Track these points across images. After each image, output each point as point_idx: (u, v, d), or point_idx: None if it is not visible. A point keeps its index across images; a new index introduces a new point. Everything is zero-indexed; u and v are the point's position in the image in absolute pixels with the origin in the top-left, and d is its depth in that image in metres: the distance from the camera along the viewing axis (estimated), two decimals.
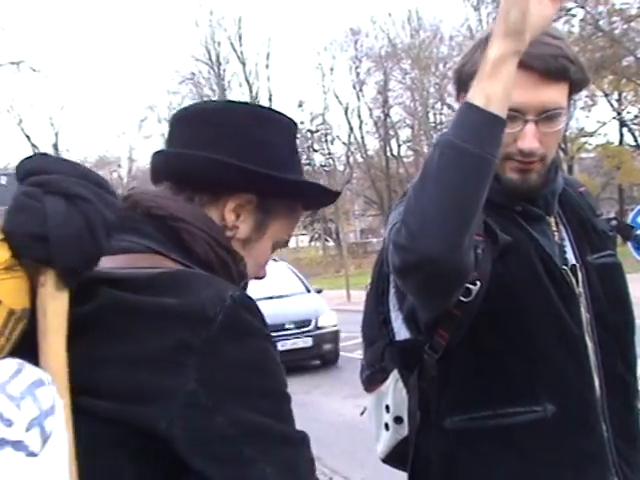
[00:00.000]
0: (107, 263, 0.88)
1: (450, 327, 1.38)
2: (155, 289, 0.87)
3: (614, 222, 1.61)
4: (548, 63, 1.37)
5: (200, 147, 1.07)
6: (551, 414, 1.38)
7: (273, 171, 1.07)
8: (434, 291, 1.29)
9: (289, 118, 1.17)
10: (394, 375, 1.51)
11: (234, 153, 1.06)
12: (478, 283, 1.36)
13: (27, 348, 0.78)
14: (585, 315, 1.46)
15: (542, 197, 1.50)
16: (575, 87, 1.45)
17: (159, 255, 0.96)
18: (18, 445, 0.70)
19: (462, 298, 1.35)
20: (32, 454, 0.71)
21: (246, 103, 1.34)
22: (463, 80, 1.43)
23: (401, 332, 1.49)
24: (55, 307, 0.80)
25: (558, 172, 1.55)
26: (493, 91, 1.16)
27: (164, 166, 1.11)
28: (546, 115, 1.39)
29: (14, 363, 0.75)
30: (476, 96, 1.17)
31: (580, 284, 1.48)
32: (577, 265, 1.49)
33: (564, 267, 1.47)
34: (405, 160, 44.78)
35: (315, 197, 1.20)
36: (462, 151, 1.15)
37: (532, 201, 1.49)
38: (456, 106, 1.43)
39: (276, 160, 1.10)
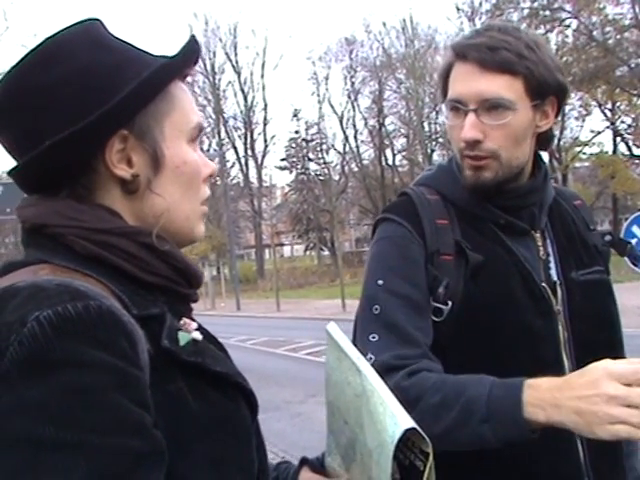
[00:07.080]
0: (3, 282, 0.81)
1: None
2: None
3: (608, 237, 1.57)
4: (483, 53, 1.37)
5: (19, 148, 0.90)
6: None
7: (109, 94, 0.87)
8: None
9: (83, 21, 0.93)
10: None
11: (61, 118, 0.86)
12: (449, 303, 1.37)
13: None
14: (563, 334, 1.43)
15: (527, 210, 1.48)
16: (530, 82, 1.39)
17: (46, 264, 0.84)
18: None
19: (434, 318, 1.37)
20: None
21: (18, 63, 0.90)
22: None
23: None
24: None
25: (547, 182, 1.52)
26: (554, 422, 1.17)
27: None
28: (487, 105, 1.38)
29: None
30: (540, 416, 1.18)
31: (559, 301, 1.45)
32: (557, 282, 1.47)
33: (543, 284, 1.44)
34: (400, 169, 44.88)
35: (180, 63, 0.94)
36: (486, 442, 1.24)
37: (517, 214, 1.47)
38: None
39: (101, 81, 0.88)
